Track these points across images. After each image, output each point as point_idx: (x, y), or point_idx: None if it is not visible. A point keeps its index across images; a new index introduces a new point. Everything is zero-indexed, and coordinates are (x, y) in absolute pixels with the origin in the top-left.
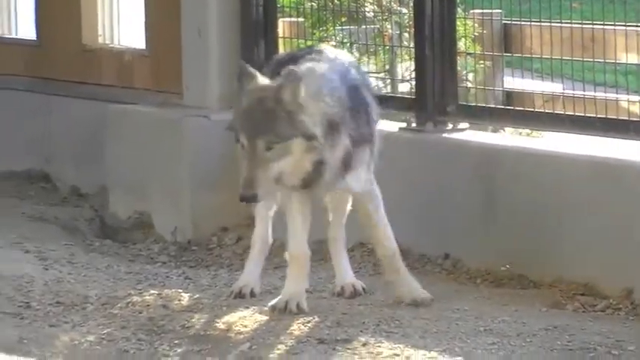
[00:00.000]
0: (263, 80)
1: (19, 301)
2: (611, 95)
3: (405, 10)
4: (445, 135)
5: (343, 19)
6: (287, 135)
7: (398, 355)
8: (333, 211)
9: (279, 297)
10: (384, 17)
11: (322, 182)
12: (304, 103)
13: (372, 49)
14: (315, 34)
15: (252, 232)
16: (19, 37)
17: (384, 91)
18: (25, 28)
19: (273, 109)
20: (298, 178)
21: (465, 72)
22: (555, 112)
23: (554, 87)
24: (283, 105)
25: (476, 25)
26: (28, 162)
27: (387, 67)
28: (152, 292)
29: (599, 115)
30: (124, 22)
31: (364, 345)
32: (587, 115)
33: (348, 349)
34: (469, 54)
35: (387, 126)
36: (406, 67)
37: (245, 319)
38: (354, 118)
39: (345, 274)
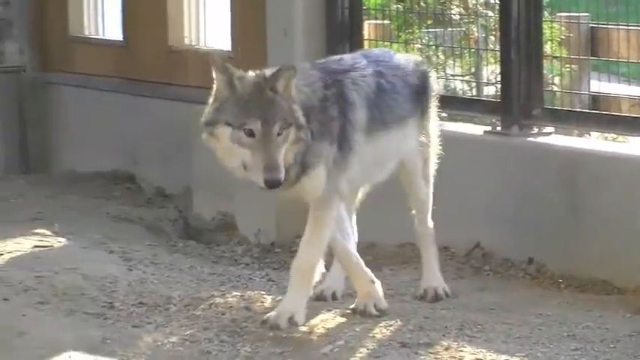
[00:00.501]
0: (241, 72)
1: (103, 302)
2: None
3: (491, 13)
4: (530, 139)
5: (429, 22)
6: (288, 122)
7: (480, 359)
8: (414, 206)
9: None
10: (470, 20)
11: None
12: (294, 95)
13: (457, 52)
14: (400, 36)
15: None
16: (106, 37)
17: (469, 94)
18: (112, 29)
19: (273, 97)
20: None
21: (550, 75)
22: None
23: None
24: (279, 94)
25: (562, 28)
26: (113, 163)
27: (473, 70)
28: (235, 293)
29: None
30: (210, 23)
31: (446, 349)
32: None
33: (431, 353)
34: (555, 57)
35: (472, 129)
36: (492, 71)
37: (327, 322)
38: (321, 112)
39: (432, 275)
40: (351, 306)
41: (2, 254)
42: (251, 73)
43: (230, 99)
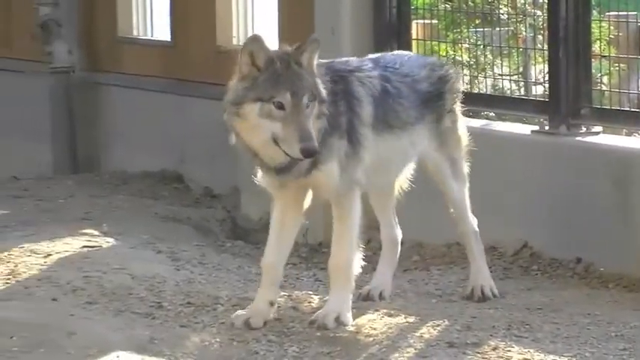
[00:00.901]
0: (267, 49)
1: (151, 302)
2: None
3: (539, 13)
4: (578, 138)
5: (477, 21)
6: (314, 95)
7: (528, 359)
8: (451, 205)
9: (243, 310)
10: (519, 19)
11: (295, 166)
12: (315, 69)
13: (505, 52)
14: (448, 36)
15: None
16: (154, 38)
17: (517, 93)
18: (161, 30)
19: (299, 70)
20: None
21: (599, 75)
22: None
23: None
24: (304, 68)
25: (611, 27)
26: (162, 162)
27: (521, 69)
28: (282, 293)
29: None
30: (258, 23)
31: (494, 349)
32: None
33: (478, 353)
34: (604, 56)
35: (520, 129)
36: (540, 70)
37: (374, 322)
38: (330, 106)
39: (477, 273)
40: (233, 315)
41: (51, 254)
42: (276, 50)
43: (259, 76)
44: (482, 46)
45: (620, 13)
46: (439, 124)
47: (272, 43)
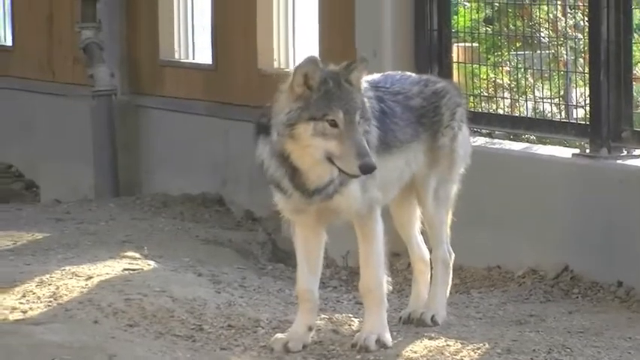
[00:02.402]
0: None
1: (192, 324)
2: None
3: (580, 36)
4: (620, 161)
5: (518, 44)
6: (362, 113)
7: None
8: (427, 225)
9: (282, 334)
10: (560, 42)
11: (329, 187)
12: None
13: (546, 75)
14: (489, 59)
15: None
16: (196, 61)
17: (557, 116)
18: (202, 54)
19: (350, 89)
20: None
21: None
22: None
23: None
24: (354, 86)
25: None
26: (203, 186)
27: (562, 92)
28: (323, 316)
29: None
30: (299, 46)
31: None
32: None
33: None
34: None
35: (561, 152)
36: (581, 93)
37: (415, 345)
38: None
39: (432, 299)
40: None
41: (92, 277)
42: (326, 69)
43: (311, 96)
44: (523, 69)
45: None
46: (435, 141)
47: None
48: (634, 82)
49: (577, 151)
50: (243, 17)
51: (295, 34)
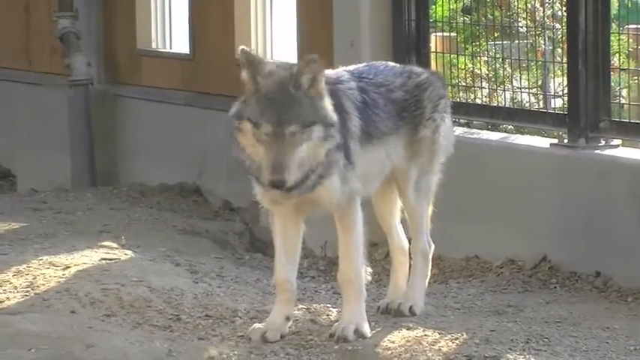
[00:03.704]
0: (273, 65)
1: (169, 314)
2: None
3: (558, 26)
4: (597, 151)
5: (496, 34)
6: (310, 121)
7: None
8: (408, 216)
9: (260, 324)
10: (538, 32)
11: (305, 182)
12: (323, 90)
13: (524, 65)
14: (467, 49)
15: None
16: (173, 51)
17: (535, 106)
18: (180, 43)
19: (294, 94)
20: (305, 170)
21: (618, 88)
22: None
23: None
24: (303, 90)
25: (630, 40)
26: (180, 175)
27: (540, 82)
28: (301, 306)
29: None
30: (276, 35)
31: None
32: None
33: None
34: (623, 70)
35: (539, 142)
36: (559, 83)
37: (393, 335)
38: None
39: (411, 290)
40: (250, 329)
41: (69, 267)
42: (281, 68)
43: (253, 95)
44: (501, 59)
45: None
46: (415, 133)
47: (291, 55)
48: (612, 72)
49: (555, 141)
50: (220, 6)
51: (273, 23)
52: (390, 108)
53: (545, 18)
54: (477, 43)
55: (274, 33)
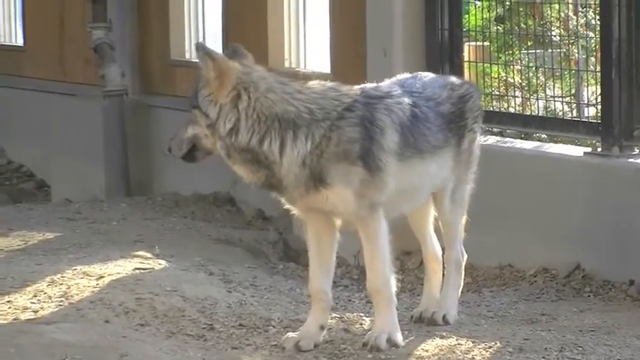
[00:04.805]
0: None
1: (203, 324)
2: None
3: (591, 34)
4: (631, 160)
5: (529, 43)
6: (193, 103)
7: None
8: (443, 225)
9: (294, 333)
10: (571, 41)
11: (285, 186)
12: (216, 79)
13: (557, 73)
14: (500, 58)
15: None
16: None
17: (569, 115)
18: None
19: (198, 78)
20: (232, 163)
21: None
22: None
23: None
24: (199, 75)
25: None
26: (214, 185)
27: (573, 91)
28: (334, 315)
29: None
30: (310, 45)
31: None
32: None
33: None
34: None
35: (573, 151)
36: (592, 92)
37: (426, 344)
38: (336, 131)
39: (444, 299)
40: (284, 337)
41: (103, 276)
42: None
43: None
44: (534, 68)
45: None
46: (460, 145)
47: (324, 63)
48: None
49: (589, 149)
50: (254, 16)
51: (306, 32)
52: (440, 121)
53: (579, 27)
54: (510, 52)
55: (307, 43)
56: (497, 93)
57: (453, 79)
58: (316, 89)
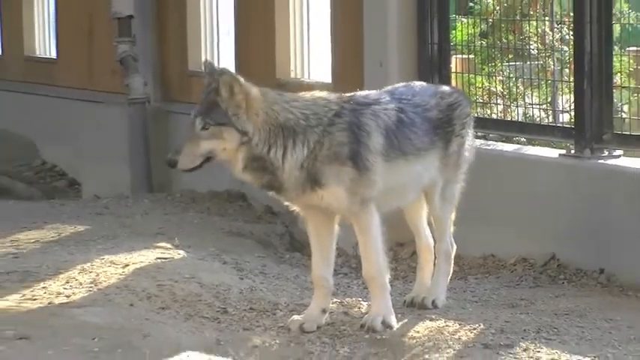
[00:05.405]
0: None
1: (217, 307)
2: None
3: (566, 48)
4: (601, 161)
5: (510, 56)
6: (219, 121)
7: (555, 359)
8: (433, 220)
9: (298, 316)
10: (547, 54)
11: (285, 187)
12: (244, 100)
13: (535, 83)
14: (484, 69)
15: None
16: None
17: (545, 121)
18: (227, 64)
19: (213, 96)
20: (242, 170)
21: (620, 104)
22: None
23: None
24: (221, 96)
25: (631, 61)
26: (227, 183)
27: (549, 99)
28: (335, 300)
29: None
30: (314, 57)
31: (525, 350)
32: None
33: (510, 353)
34: (624, 87)
35: (549, 153)
36: (566, 100)
37: (417, 326)
38: (327, 137)
39: (435, 286)
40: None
41: (128, 265)
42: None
43: None
44: (514, 79)
45: None
46: (447, 148)
47: (326, 74)
48: (614, 90)
49: (563, 151)
50: (262, 32)
51: (310, 46)
52: (427, 126)
53: (554, 41)
54: (493, 64)
55: (311, 55)
56: (481, 101)
57: (445, 88)
58: (307, 97)
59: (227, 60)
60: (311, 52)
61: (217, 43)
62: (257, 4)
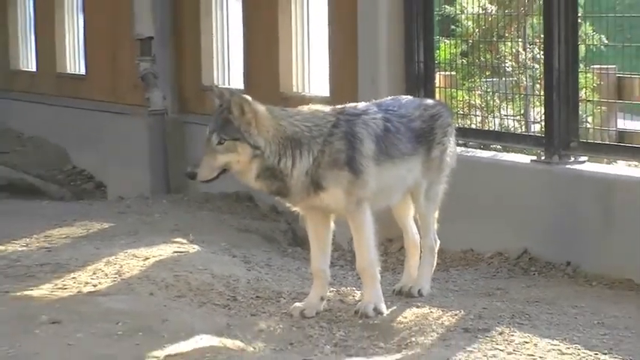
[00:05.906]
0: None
1: (228, 295)
2: None
3: (537, 66)
4: (568, 166)
5: (488, 73)
6: (233, 136)
7: (527, 342)
8: (419, 217)
9: (299, 303)
10: (521, 71)
11: (292, 192)
12: (254, 118)
13: (510, 97)
14: (464, 84)
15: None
16: (231, 86)
17: (519, 130)
18: (237, 80)
19: (226, 115)
20: (254, 179)
21: (585, 115)
22: None
23: None
24: (233, 114)
25: (595, 77)
26: (236, 186)
27: (522, 111)
28: (332, 289)
29: None
30: (314, 73)
31: (500, 334)
32: None
33: (487, 337)
34: (589, 101)
35: (521, 159)
36: (537, 112)
37: (405, 312)
38: (328, 145)
39: (420, 277)
40: (292, 306)
41: (149, 258)
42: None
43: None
44: (491, 93)
45: (602, 66)
46: (429, 154)
47: (324, 89)
48: (580, 103)
49: (534, 158)
50: (267, 51)
51: (310, 63)
52: (410, 134)
53: (527, 60)
54: (472, 79)
55: (311, 72)
56: (462, 112)
57: (429, 101)
58: (305, 111)
59: (236, 75)
60: (311, 69)
61: (228, 61)
62: (262, 25)
